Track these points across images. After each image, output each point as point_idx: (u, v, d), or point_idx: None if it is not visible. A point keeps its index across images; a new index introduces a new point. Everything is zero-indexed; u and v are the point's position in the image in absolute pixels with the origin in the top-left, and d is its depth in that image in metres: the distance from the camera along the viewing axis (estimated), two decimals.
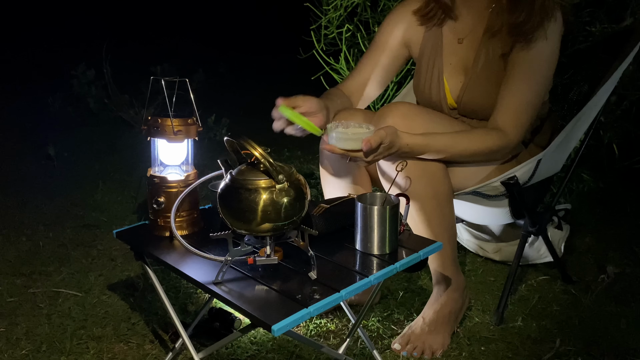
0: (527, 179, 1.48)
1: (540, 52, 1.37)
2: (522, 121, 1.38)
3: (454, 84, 1.50)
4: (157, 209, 1.22)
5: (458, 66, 1.49)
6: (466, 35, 1.47)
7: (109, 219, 2.22)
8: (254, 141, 1.00)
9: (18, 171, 2.76)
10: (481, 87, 1.44)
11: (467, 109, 1.48)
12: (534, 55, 1.37)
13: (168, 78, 1.24)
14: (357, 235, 1.17)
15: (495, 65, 1.42)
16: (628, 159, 2.35)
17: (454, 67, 1.49)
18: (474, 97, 1.46)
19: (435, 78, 1.51)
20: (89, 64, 3.79)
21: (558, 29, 1.38)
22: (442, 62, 1.50)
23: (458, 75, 1.49)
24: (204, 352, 1.19)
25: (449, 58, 1.50)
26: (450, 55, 1.50)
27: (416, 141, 1.30)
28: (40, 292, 1.69)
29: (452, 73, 1.50)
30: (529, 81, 1.38)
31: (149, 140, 1.27)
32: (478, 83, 1.44)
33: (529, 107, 1.39)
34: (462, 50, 1.48)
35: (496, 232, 1.92)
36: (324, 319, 1.56)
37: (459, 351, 1.44)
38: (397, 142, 1.26)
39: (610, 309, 1.63)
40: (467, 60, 1.47)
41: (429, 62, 1.52)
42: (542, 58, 1.38)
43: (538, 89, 1.39)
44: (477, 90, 1.45)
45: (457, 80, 1.49)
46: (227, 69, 5.09)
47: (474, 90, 1.45)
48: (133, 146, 3.12)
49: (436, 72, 1.51)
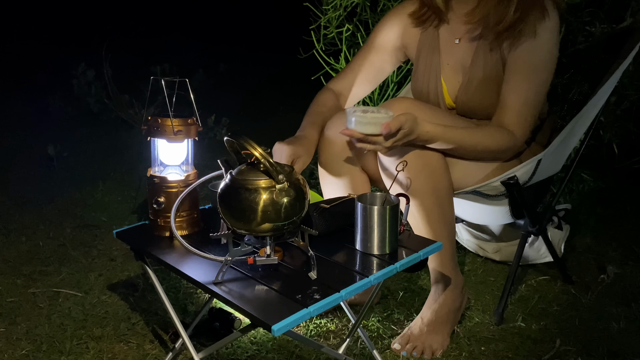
0: (527, 179, 1.48)
1: (539, 50, 1.37)
2: (526, 120, 1.39)
3: (452, 84, 1.50)
4: (157, 209, 1.22)
5: (456, 66, 1.49)
6: (462, 35, 1.48)
7: (109, 219, 2.22)
8: (254, 141, 1.00)
9: (18, 171, 2.76)
10: (479, 87, 1.45)
11: (465, 108, 1.48)
12: (532, 53, 1.37)
13: (168, 78, 1.24)
14: (357, 235, 1.17)
15: (492, 65, 1.43)
16: (628, 159, 2.36)
17: (452, 67, 1.50)
18: (472, 97, 1.46)
19: (433, 78, 1.51)
20: (89, 64, 3.80)
21: (554, 26, 1.38)
22: (440, 62, 1.51)
23: (456, 75, 1.49)
24: (204, 352, 1.19)
25: (446, 58, 1.50)
26: (447, 56, 1.50)
27: (436, 130, 1.30)
28: (40, 292, 1.69)
29: (450, 73, 1.50)
30: (529, 80, 1.38)
31: (149, 140, 1.27)
32: (476, 83, 1.45)
33: (532, 106, 1.40)
34: (459, 50, 1.48)
35: (496, 232, 1.92)
36: (324, 319, 1.56)
37: (459, 351, 1.44)
38: (417, 129, 1.27)
39: (610, 309, 1.63)
40: (465, 60, 1.47)
41: (426, 62, 1.53)
42: (541, 56, 1.38)
43: (539, 87, 1.40)
44: (475, 90, 1.45)
45: (454, 80, 1.50)
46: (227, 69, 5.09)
47: (472, 90, 1.45)
48: (133, 146, 3.12)
49: (434, 73, 1.51)
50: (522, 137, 1.40)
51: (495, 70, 1.43)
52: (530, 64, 1.38)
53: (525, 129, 1.40)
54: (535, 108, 1.41)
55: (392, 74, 2.30)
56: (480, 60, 1.44)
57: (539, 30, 1.36)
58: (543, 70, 1.40)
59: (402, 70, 2.28)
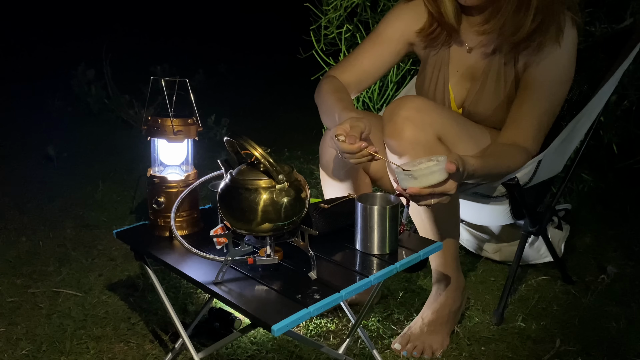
0: (527, 180, 1.48)
1: (556, 67, 1.35)
2: (541, 134, 1.37)
3: (459, 92, 1.48)
4: (157, 209, 1.22)
5: (465, 75, 1.47)
6: (475, 45, 1.45)
7: (109, 219, 2.22)
8: (254, 141, 1.00)
9: (18, 171, 2.76)
10: (488, 98, 1.43)
11: (470, 117, 1.46)
12: (550, 70, 1.34)
13: (168, 78, 1.24)
14: (357, 235, 1.17)
15: (505, 78, 1.41)
16: (628, 159, 2.35)
17: (461, 75, 1.47)
18: (479, 107, 1.44)
19: (441, 84, 1.49)
20: (89, 64, 3.80)
21: (572, 42, 1.34)
22: (448, 70, 1.48)
23: (464, 82, 1.47)
24: (204, 352, 1.19)
25: (457, 66, 1.48)
26: (457, 63, 1.48)
27: (477, 164, 1.19)
28: (40, 292, 1.69)
29: (458, 81, 1.48)
30: (546, 98, 1.35)
31: (149, 140, 1.27)
32: (485, 93, 1.43)
33: (546, 123, 1.37)
34: (470, 59, 1.46)
35: (496, 232, 1.92)
36: (324, 319, 1.56)
37: (459, 351, 1.44)
38: (466, 167, 1.15)
39: (610, 309, 1.63)
40: (475, 69, 1.45)
41: (435, 67, 1.50)
42: (559, 73, 1.35)
43: (554, 105, 1.37)
44: (484, 101, 1.43)
45: (462, 88, 1.48)
46: (227, 69, 5.09)
47: (481, 100, 1.44)
48: (133, 146, 3.12)
49: (442, 79, 1.49)
50: (535, 151, 1.38)
51: (507, 83, 1.40)
52: (547, 82, 1.35)
53: (539, 144, 1.38)
54: (549, 124, 1.38)
55: (392, 74, 2.30)
56: (492, 72, 1.41)
57: (557, 47, 1.32)
58: (560, 88, 1.37)
59: (402, 70, 2.28)
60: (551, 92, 1.36)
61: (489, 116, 1.44)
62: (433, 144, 1.28)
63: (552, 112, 1.38)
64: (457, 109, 1.49)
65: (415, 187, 1.09)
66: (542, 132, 1.38)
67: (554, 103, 1.37)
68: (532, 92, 1.36)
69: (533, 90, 1.36)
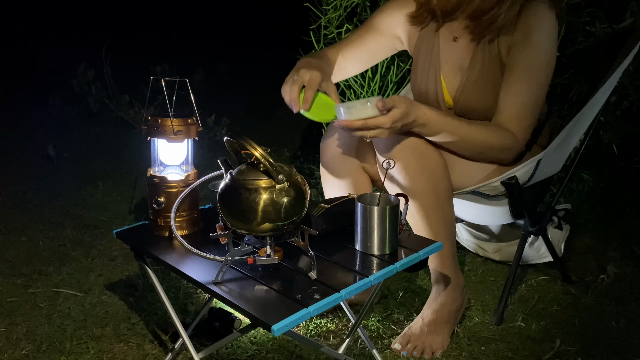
0: (527, 179, 1.48)
1: (536, 51, 1.36)
2: (526, 122, 1.38)
3: (451, 83, 1.49)
4: (157, 209, 1.22)
5: (454, 65, 1.48)
6: (461, 34, 1.46)
7: (109, 219, 2.22)
8: (254, 141, 1.00)
9: (18, 171, 2.76)
10: (477, 88, 1.44)
11: (464, 109, 1.47)
12: (530, 55, 1.36)
13: (168, 78, 1.24)
14: (357, 235, 1.17)
15: (490, 66, 1.42)
16: (628, 159, 2.36)
17: (450, 66, 1.49)
18: (470, 98, 1.45)
19: (432, 77, 1.51)
20: (89, 64, 3.79)
21: (552, 26, 1.36)
22: (439, 60, 1.50)
23: (454, 74, 1.49)
24: (204, 352, 1.19)
25: (445, 57, 1.49)
26: (446, 54, 1.49)
27: (433, 113, 1.28)
28: (40, 292, 1.69)
29: (449, 72, 1.49)
30: (527, 82, 1.37)
31: (149, 140, 1.27)
32: (474, 84, 1.44)
33: (530, 109, 1.38)
34: (457, 49, 1.47)
35: (496, 232, 1.92)
36: (324, 319, 1.56)
37: (459, 351, 1.44)
38: (414, 110, 1.24)
39: (610, 309, 1.63)
40: (463, 59, 1.46)
41: (425, 60, 1.52)
42: (539, 57, 1.37)
43: (537, 89, 1.39)
44: (473, 91, 1.44)
45: (453, 79, 1.49)
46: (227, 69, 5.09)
47: (471, 90, 1.45)
48: (133, 146, 3.12)
49: (433, 71, 1.50)
50: (522, 139, 1.39)
51: (493, 72, 1.42)
52: (528, 66, 1.36)
53: (524, 131, 1.39)
54: (533, 110, 1.39)
55: (392, 74, 2.30)
56: (478, 61, 1.43)
57: (536, 32, 1.34)
58: (541, 71, 1.38)
59: (402, 70, 2.28)
60: (530, 74, 1.37)
61: (482, 108, 1.44)
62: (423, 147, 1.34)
63: (535, 95, 1.38)
64: (450, 100, 1.50)
65: (346, 120, 1.20)
66: (526, 121, 1.38)
67: (535, 84, 1.38)
68: (511, 74, 1.38)
69: (512, 72, 1.37)
